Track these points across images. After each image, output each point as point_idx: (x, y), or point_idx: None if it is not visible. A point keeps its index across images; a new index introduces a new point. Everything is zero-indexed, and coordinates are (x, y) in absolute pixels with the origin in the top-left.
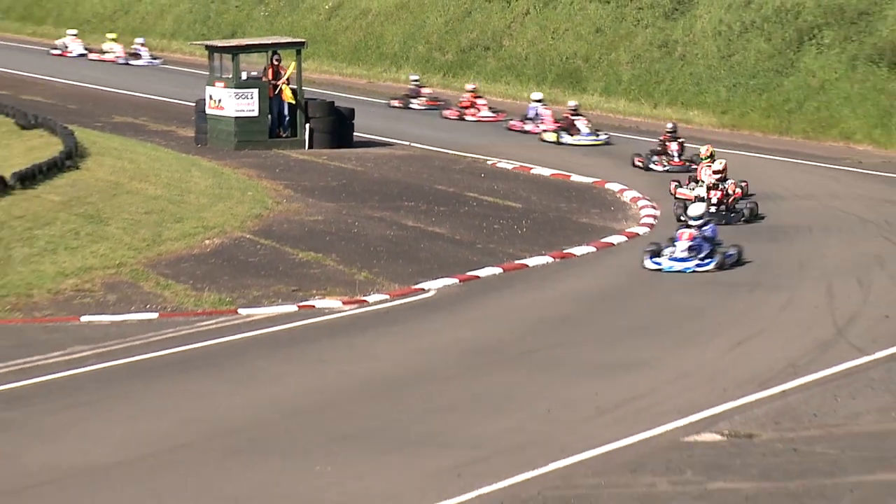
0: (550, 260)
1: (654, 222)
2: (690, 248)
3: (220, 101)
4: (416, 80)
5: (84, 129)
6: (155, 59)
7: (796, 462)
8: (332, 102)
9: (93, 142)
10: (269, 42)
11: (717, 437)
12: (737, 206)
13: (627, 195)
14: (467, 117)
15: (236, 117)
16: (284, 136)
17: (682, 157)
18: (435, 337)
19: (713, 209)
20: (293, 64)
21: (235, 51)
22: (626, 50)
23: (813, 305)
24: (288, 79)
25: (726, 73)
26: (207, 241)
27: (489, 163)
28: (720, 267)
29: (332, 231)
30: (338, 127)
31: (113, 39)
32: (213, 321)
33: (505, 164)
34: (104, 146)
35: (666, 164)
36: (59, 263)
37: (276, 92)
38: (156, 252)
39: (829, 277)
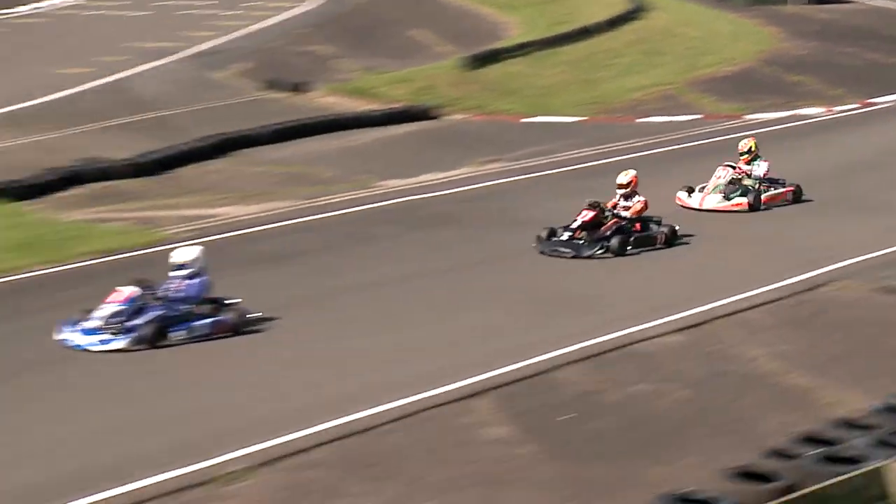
0: None
1: None
2: (132, 314)
3: None
4: None
5: None
6: None
7: None
8: None
9: (652, 1)
10: None
11: None
12: (644, 230)
13: None
14: None
15: None
16: None
17: None
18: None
19: (566, 235)
20: None
21: None
22: None
23: None
24: None
25: None
26: (727, 69)
27: None
28: (141, 342)
29: (814, 62)
30: None
31: None
32: (731, 122)
33: None
34: (659, 4)
35: None
36: (628, 82)
37: None
38: (692, 76)
39: None
